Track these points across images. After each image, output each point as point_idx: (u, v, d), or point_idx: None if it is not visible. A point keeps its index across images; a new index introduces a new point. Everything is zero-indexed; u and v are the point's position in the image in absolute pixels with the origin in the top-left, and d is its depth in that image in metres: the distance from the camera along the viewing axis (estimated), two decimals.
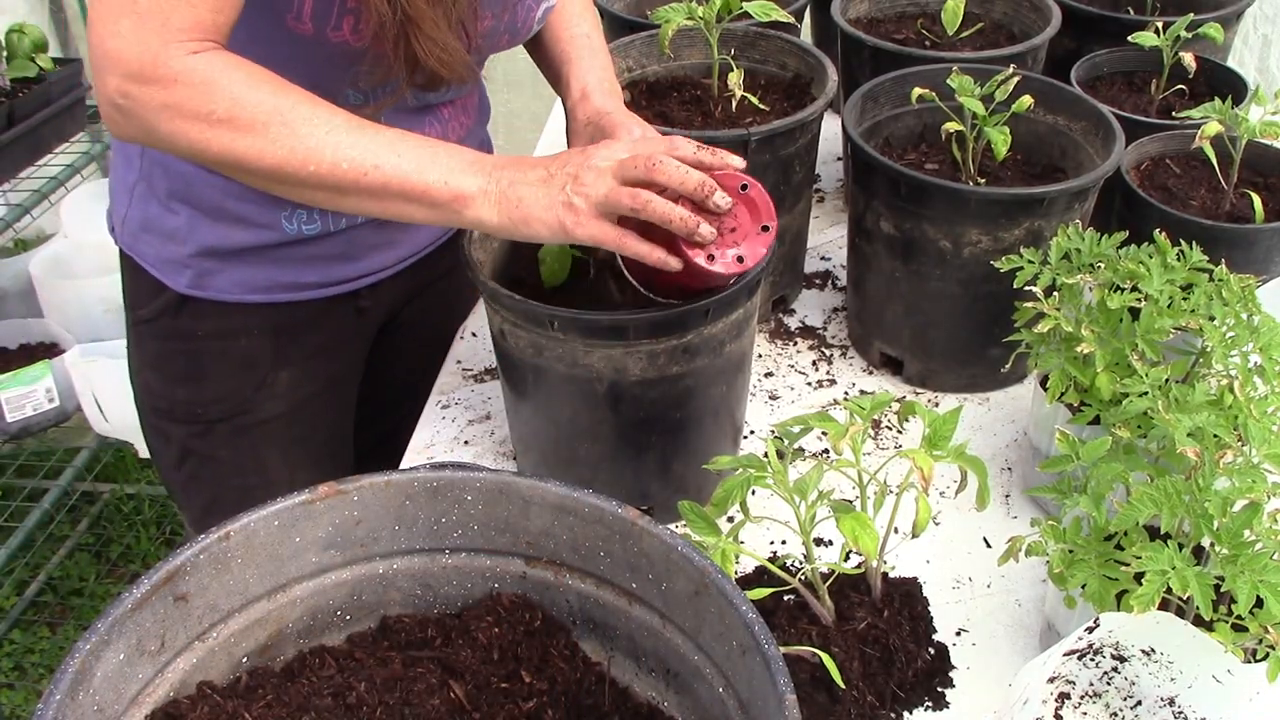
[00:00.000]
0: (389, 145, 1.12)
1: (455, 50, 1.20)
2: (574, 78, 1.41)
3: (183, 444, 1.53)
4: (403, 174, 1.11)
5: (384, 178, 1.11)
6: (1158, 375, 1.13)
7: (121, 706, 0.88)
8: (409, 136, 1.14)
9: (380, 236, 1.46)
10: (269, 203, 1.35)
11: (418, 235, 1.52)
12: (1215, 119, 1.45)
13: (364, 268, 1.47)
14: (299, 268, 1.42)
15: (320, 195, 1.13)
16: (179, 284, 1.41)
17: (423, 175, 1.11)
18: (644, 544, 0.96)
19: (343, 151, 1.10)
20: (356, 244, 1.44)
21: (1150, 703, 1.01)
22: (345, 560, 1.01)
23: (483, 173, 1.13)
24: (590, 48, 1.45)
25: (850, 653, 1.10)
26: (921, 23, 1.89)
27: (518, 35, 1.36)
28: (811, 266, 1.78)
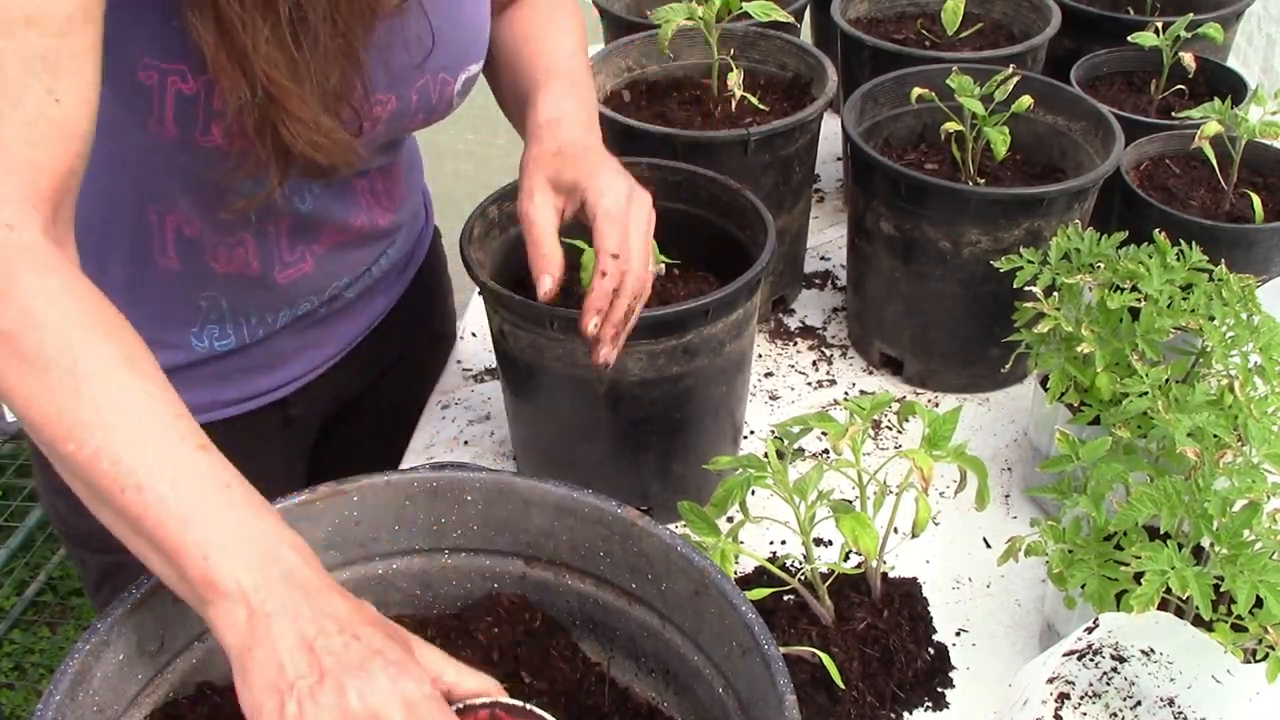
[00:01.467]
0: (172, 467, 0.79)
1: (332, 132, 1.00)
2: (543, 103, 1.19)
3: (99, 571, 1.38)
4: (162, 515, 0.77)
5: (140, 508, 0.78)
6: (1158, 375, 1.13)
7: (121, 707, 0.88)
8: (212, 467, 0.81)
9: (304, 339, 1.32)
10: (174, 320, 1.21)
11: (353, 324, 1.38)
12: (1215, 119, 1.45)
13: (289, 374, 1.33)
14: (215, 385, 1.27)
15: (78, 486, 0.82)
16: None
17: (184, 531, 0.77)
18: (644, 544, 0.96)
19: (113, 446, 0.78)
20: (277, 352, 1.30)
21: (1150, 703, 1.01)
22: (345, 560, 1.01)
23: (263, 573, 0.78)
24: (571, 76, 1.23)
25: (850, 653, 1.10)
26: (921, 23, 1.88)
27: (435, 112, 1.18)
28: (811, 266, 1.78)
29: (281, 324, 1.29)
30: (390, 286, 1.43)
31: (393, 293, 1.44)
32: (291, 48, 0.94)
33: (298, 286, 1.26)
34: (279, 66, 0.94)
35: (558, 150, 1.15)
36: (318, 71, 0.96)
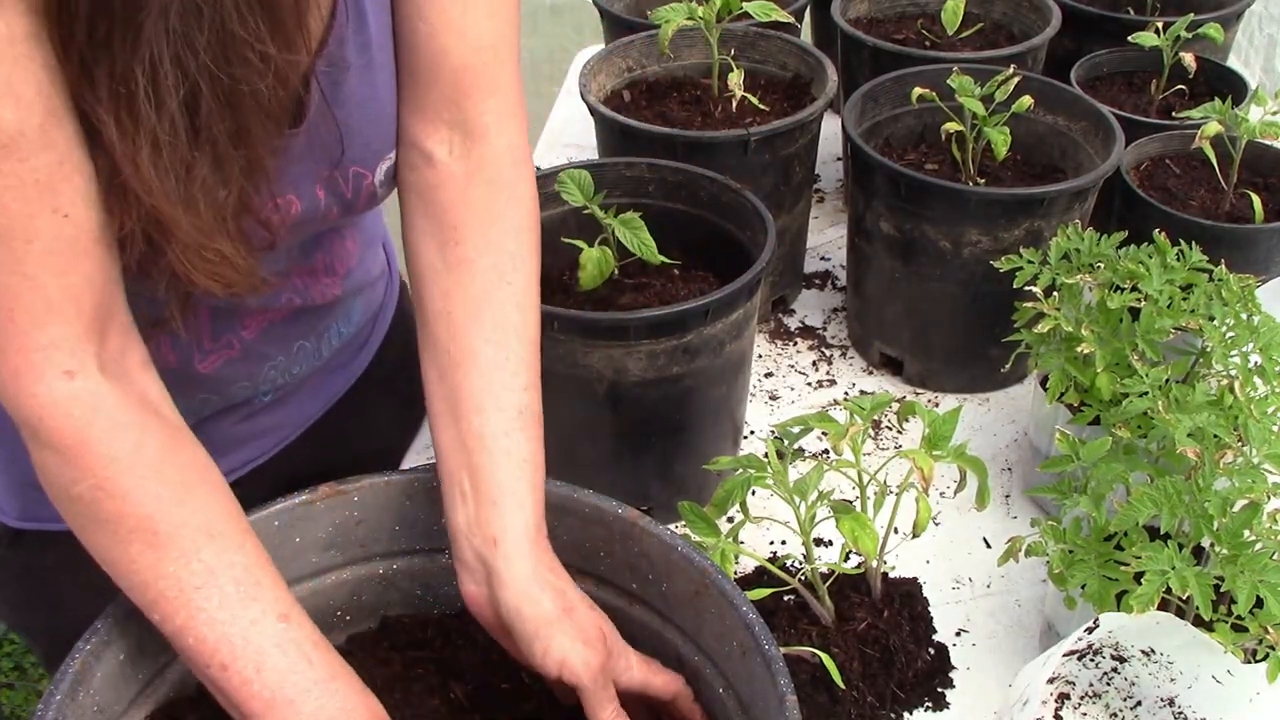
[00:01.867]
0: (255, 649, 0.82)
1: (231, 257, 0.85)
2: (495, 518, 0.94)
3: (48, 653, 1.30)
4: (246, 696, 0.82)
5: (225, 684, 0.82)
6: (1158, 375, 1.13)
7: (121, 707, 0.88)
8: (295, 641, 0.83)
9: (252, 425, 1.21)
10: None
11: (302, 409, 1.27)
12: (1215, 119, 1.45)
13: (237, 459, 1.22)
14: None
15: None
16: (7, 516, 1.17)
17: (268, 714, 0.82)
18: (644, 544, 0.96)
19: (197, 624, 0.82)
20: (218, 441, 1.13)
21: (1150, 703, 1.01)
22: (345, 560, 1.01)
23: None
24: (512, 446, 0.96)
25: (850, 653, 1.10)
26: (921, 23, 1.88)
27: (355, 207, 1.04)
28: (811, 266, 1.78)
29: (211, 411, 1.16)
30: (349, 362, 1.31)
31: (353, 368, 1.32)
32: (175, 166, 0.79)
33: (225, 374, 1.13)
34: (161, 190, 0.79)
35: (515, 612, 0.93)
36: (208, 190, 0.82)
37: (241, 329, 1.11)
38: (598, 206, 1.28)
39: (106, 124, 0.77)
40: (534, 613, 0.90)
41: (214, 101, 0.78)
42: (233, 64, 0.78)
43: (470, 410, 0.95)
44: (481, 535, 0.93)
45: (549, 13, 2.88)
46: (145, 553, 0.81)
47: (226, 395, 1.16)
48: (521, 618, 0.90)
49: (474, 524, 0.93)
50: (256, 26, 0.77)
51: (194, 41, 0.75)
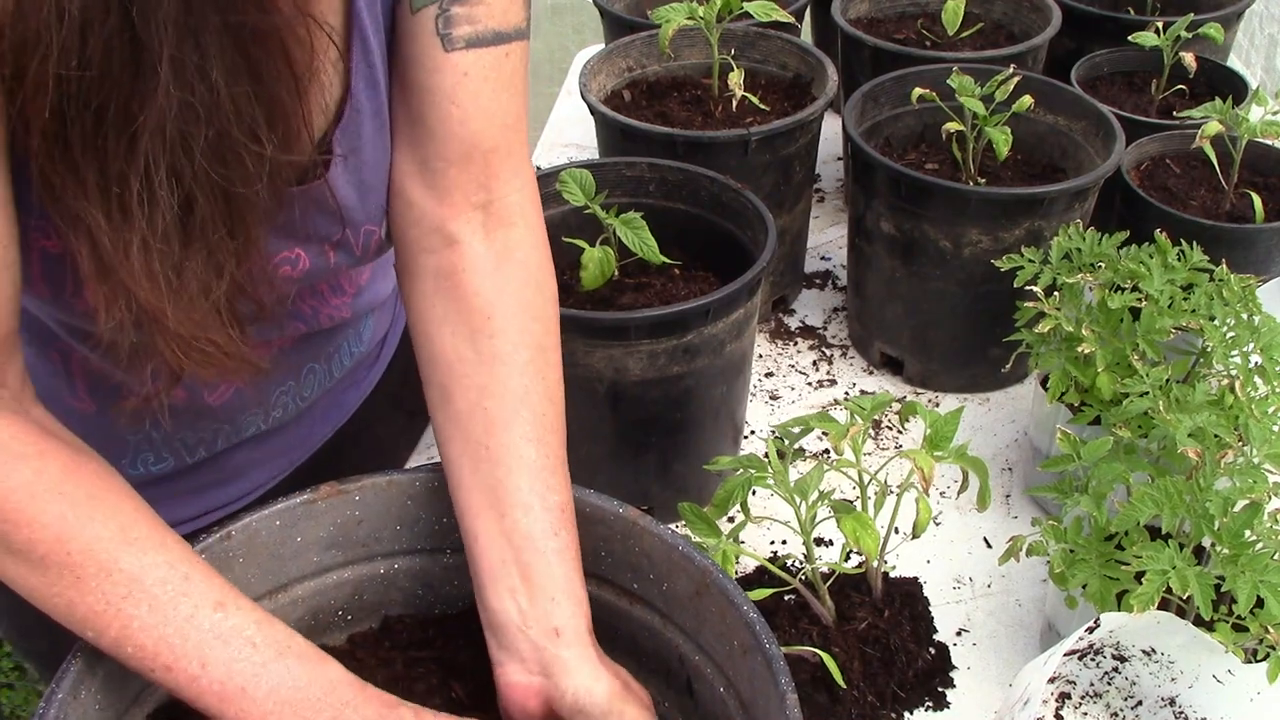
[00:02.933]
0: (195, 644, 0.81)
1: (225, 347, 0.83)
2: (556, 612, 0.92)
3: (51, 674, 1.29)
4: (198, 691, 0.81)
5: (175, 684, 0.81)
6: (1158, 375, 1.13)
7: (122, 706, 0.88)
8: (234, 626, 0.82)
9: (264, 449, 1.20)
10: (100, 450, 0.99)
11: (315, 430, 1.26)
12: (1215, 119, 1.45)
13: (246, 486, 1.21)
14: (163, 507, 1.10)
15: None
16: None
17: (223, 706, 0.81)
18: (645, 544, 0.96)
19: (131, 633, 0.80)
20: (228, 467, 1.17)
21: (1150, 703, 1.01)
22: (347, 560, 1.01)
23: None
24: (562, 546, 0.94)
25: (851, 653, 1.10)
26: (921, 23, 1.89)
27: (364, 259, 1.03)
28: (811, 266, 1.78)
29: (224, 444, 1.15)
30: (360, 380, 1.30)
31: (364, 386, 1.31)
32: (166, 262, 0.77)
33: (235, 404, 1.12)
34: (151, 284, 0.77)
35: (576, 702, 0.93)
36: (201, 283, 0.80)
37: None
38: (598, 206, 1.28)
39: (96, 222, 0.75)
40: (605, 691, 0.90)
41: (209, 202, 0.77)
42: (229, 166, 0.76)
43: (514, 507, 0.93)
44: (540, 628, 0.91)
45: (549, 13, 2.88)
46: (63, 575, 0.79)
47: (238, 425, 1.14)
48: (593, 697, 0.90)
49: (530, 617, 0.92)
50: (254, 128, 0.76)
51: (191, 147, 0.74)
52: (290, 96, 0.78)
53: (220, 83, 0.73)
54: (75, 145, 0.72)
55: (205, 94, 0.72)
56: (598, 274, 1.28)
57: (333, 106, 0.91)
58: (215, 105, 0.73)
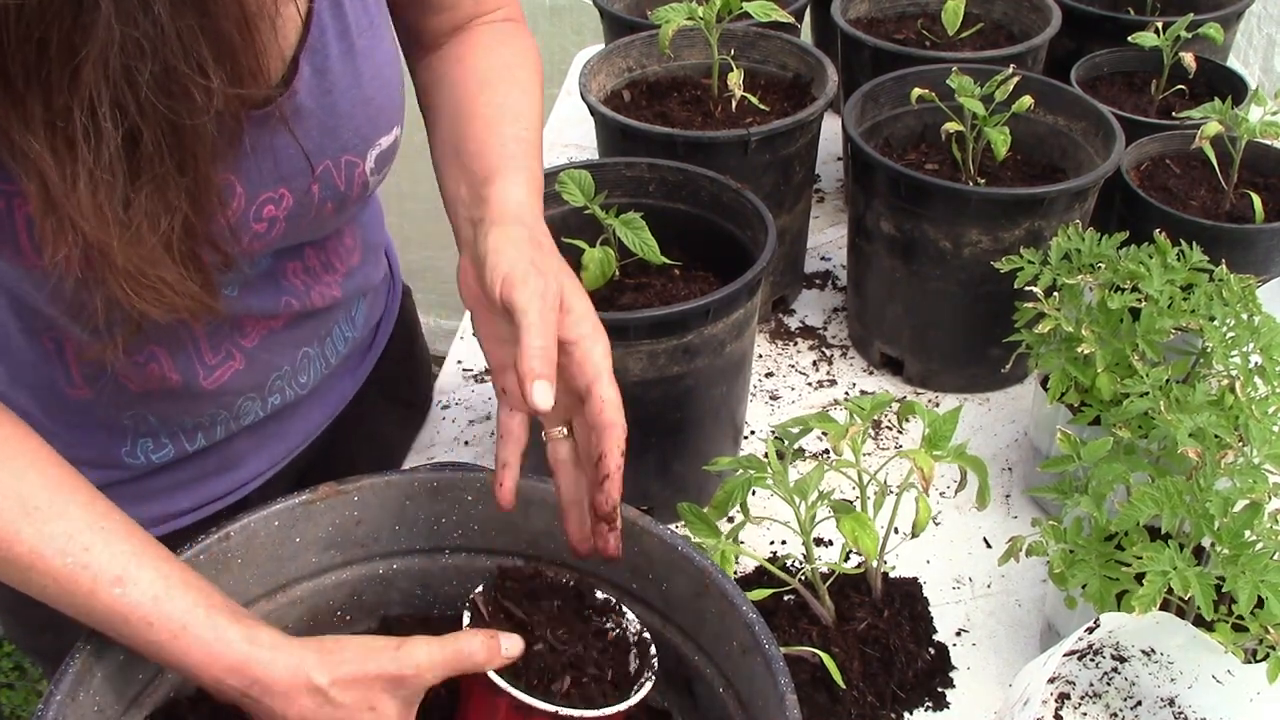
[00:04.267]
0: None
1: (174, 285, 0.82)
2: (493, 187, 0.98)
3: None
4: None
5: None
6: (1158, 375, 1.13)
7: (122, 707, 0.88)
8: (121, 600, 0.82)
9: (262, 434, 1.20)
10: (99, 442, 1.10)
11: (318, 411, 1.26)
12: (1215, 119, 1.45)
13: (247, 473, 1.21)
14: (164, 497, 1.16)
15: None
16: None
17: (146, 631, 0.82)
18: (645, 544, 0.96)
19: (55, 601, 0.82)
20: (231, 454, 1.18)
21: (1150, 703, 1.01)
22: (345, 560, 1.01)
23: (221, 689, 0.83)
24: (529, 170, 1.01)
25: (850, 653, 1.10)
26: (921, 23, 1.88)
27: (348, 200, 1.03)
28: (811, 266, 1.78)
29: (224, 433, 1.16)
30: (356, 367, 1.31)
31: (359, 372, 1.31)
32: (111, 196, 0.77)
33: (230, 388, 1.11)
34: (98, 218, 0.77)
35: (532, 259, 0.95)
36: (150, 218, 0.79)
37: (241, 338, 1.09)
38: (598, 207, 1.28)
39: (41, 156, 0.75)
40: (509, 253, 0.90)
41: (155, 136, 0.76)
42: (176, 99, 0.76)
43: (475, 134, 1.03)
44: (474, 197, 0.97)
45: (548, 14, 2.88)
46: None
47: (235, 411, 1.14)
48: (496, 255, 0.90)
49: (473, 196, 0.98)
50: (201, 63, 0.75)
51: (135, 80, 0.73)
52: (240, 30, 0.78)
53: (164, 16, 0.72)
54: (18, 78, 0.72)
55: (149, 27, 0.72)
56: (598, 274, 1.28)
57: (296, 31, 0.92)
58: (160, 39, 0.72)
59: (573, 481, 0.94)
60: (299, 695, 0.82)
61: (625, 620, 0.94)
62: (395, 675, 0.83)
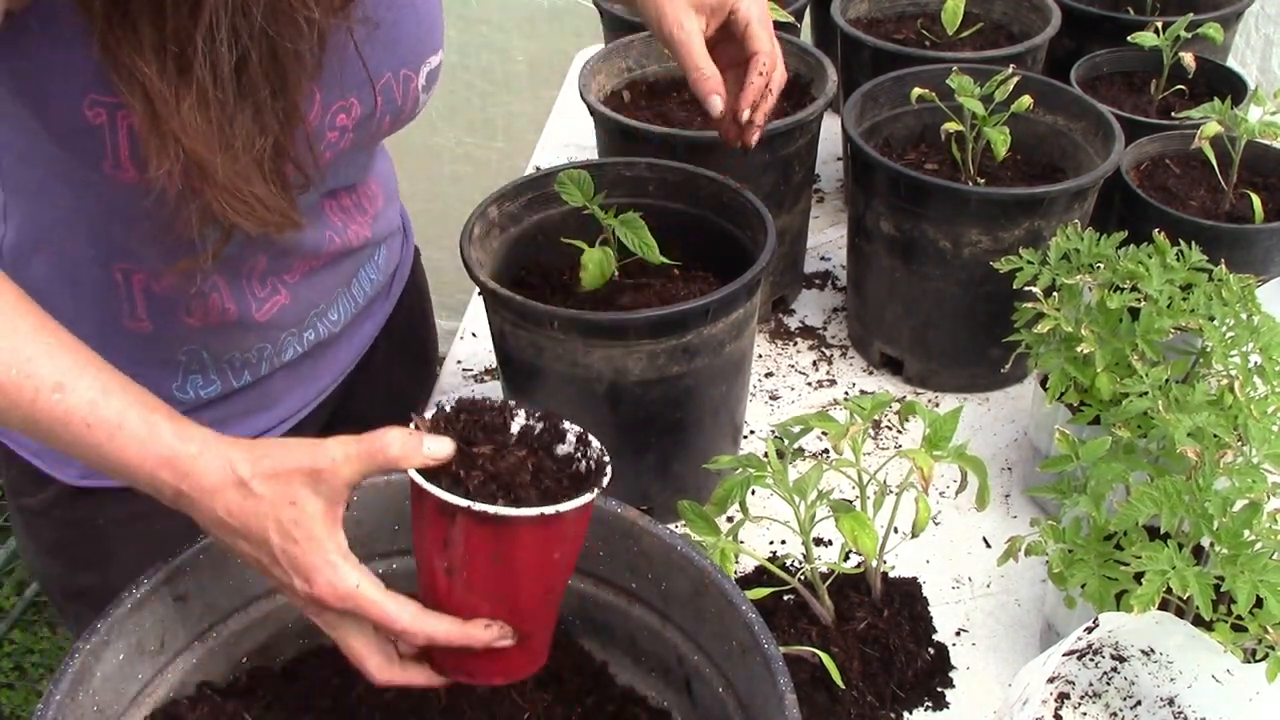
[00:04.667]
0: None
1: (265, 199, 0.92)
2: None
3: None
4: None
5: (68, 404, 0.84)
6: (1158, 375, 1.13)
7: (121, 707, 0.88)
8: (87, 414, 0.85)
9: (296, 376, 1.27)
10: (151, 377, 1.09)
11: (345, 351, 1.34)
12: (1215, 119, 1.45)
13: (284, 411, 1.28)
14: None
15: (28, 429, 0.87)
16: (69, 476, 1.20)
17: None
18: (644, 543, 0.96)
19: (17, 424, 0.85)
20: (268, 393, 1.25)
21: (1150, 703, 1.01)
22: None
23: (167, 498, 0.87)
24: None
25: (850, 653, 1.10)
26: (921, 23, 1.89)
27: (402, 113, 1.13)
28: (811, 266, 1.78)
29: (266, 370, 1.23)
30: (376, 310, 1.38)
31: (379, 316, 1.39)
32: (217, 116, 0.85)
33: (276, 321, 1.19)
34: (201, 136, 0.86)
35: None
36: (247, 137, 0.88)
37: (287, 274, 1.17)
38: (598, 206, 1.28)
39: (149, 77, 0.83)
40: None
41: (260, 61, 0.85)
42: (281, 25, 0.85)
43: None
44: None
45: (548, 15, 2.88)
46: None
47: (278, 346, 1.22)
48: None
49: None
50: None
51: (250, 9, 0.82)
52: None
53: None
54: (136, 6, 0.81)
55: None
56: (598, 274, 1.28)
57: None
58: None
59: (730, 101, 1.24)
60: (225, 489, 0.84)
61: (590, 449, 0.91)
62: (312, 469, 0.84)
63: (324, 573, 0.84)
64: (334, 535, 0.85)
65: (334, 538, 0.85)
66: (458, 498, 0.83)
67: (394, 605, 0.85)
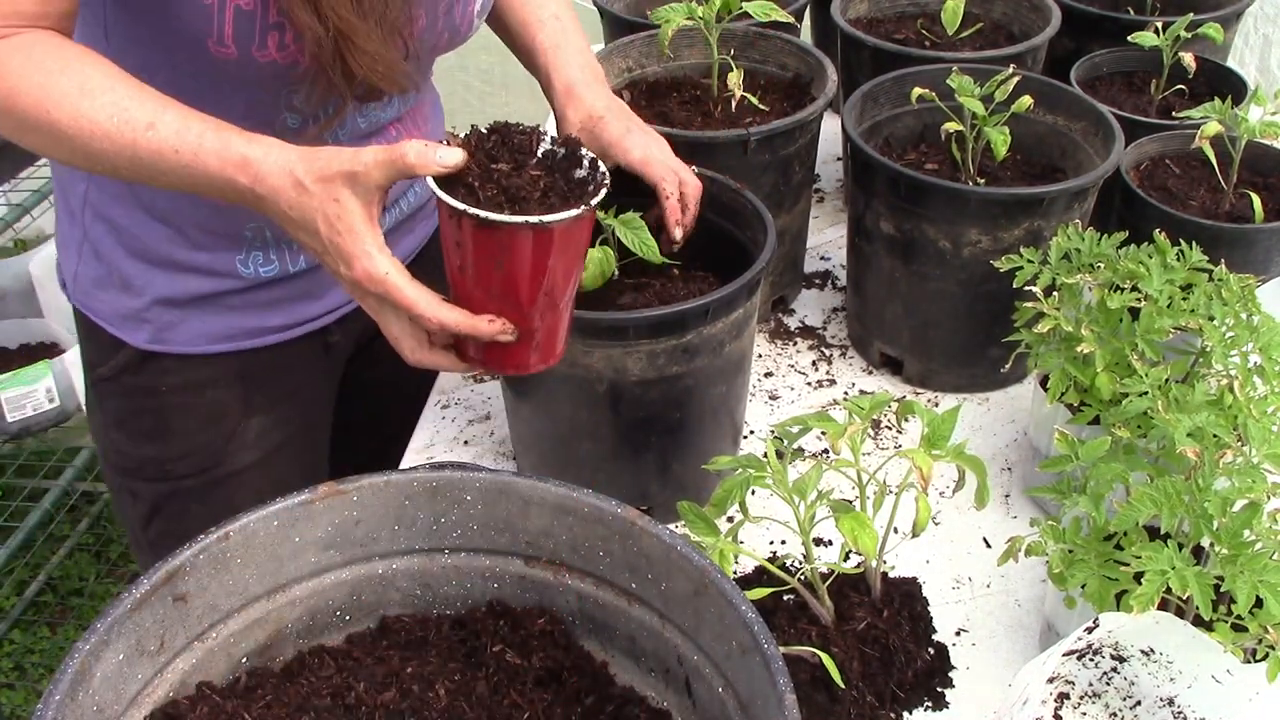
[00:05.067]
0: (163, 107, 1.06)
1: (392, 61, 1.14)
2: (554, 73, 1.35)
3: (151, 502, 1.46)
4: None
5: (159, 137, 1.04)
6: (1157, 375, 1.13)
7: (121, 707, 0.88)
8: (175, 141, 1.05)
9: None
10: (222, 248, 1.30)
11: (405, 245, 1.46)
12: (1215, 119, 1.45)
13: (329, 304, 1.42)
14: (262, 312, 1.37)
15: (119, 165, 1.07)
16: (138, 340, 1.35)
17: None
18: (644, 544, 0.96)
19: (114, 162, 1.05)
20: (318, 281, 1.38)
21: (1150, 703, 1.01)
22: (345, 560, 1.01)
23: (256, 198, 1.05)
24: (562, 31, 1.38)
25: (850, 653, 1.10)
26: (921, 23, 1.89)
27: (458, 34, 1.28)
28: (811, 266, 1.78)
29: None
30: (418, 227, 1.47)
31: (420, 234, 1.48)
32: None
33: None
34: (355, 8, 1.07)
35: (583, 122, 1.31)
36: (379, 7, 1.09)
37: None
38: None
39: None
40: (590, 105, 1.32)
41: None
42: None
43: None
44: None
45: None
46: (51, 132, 1.04)
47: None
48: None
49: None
50: None
51: None
52: None
53: None
54: None
55: None
56: (597, 274, 1.28)
57: None
58: None
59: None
60: (286, 189, 1.02)
61: (599, 174, 1.02)
62: (350, 172, 1.00)
63: (361, 260, 1.01)
64: (371, 229, 1.02)
65: (371, 232, 1.02)
66: (459, 202, 0.95)
67: (415, 292, 1.02)
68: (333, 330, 1.44)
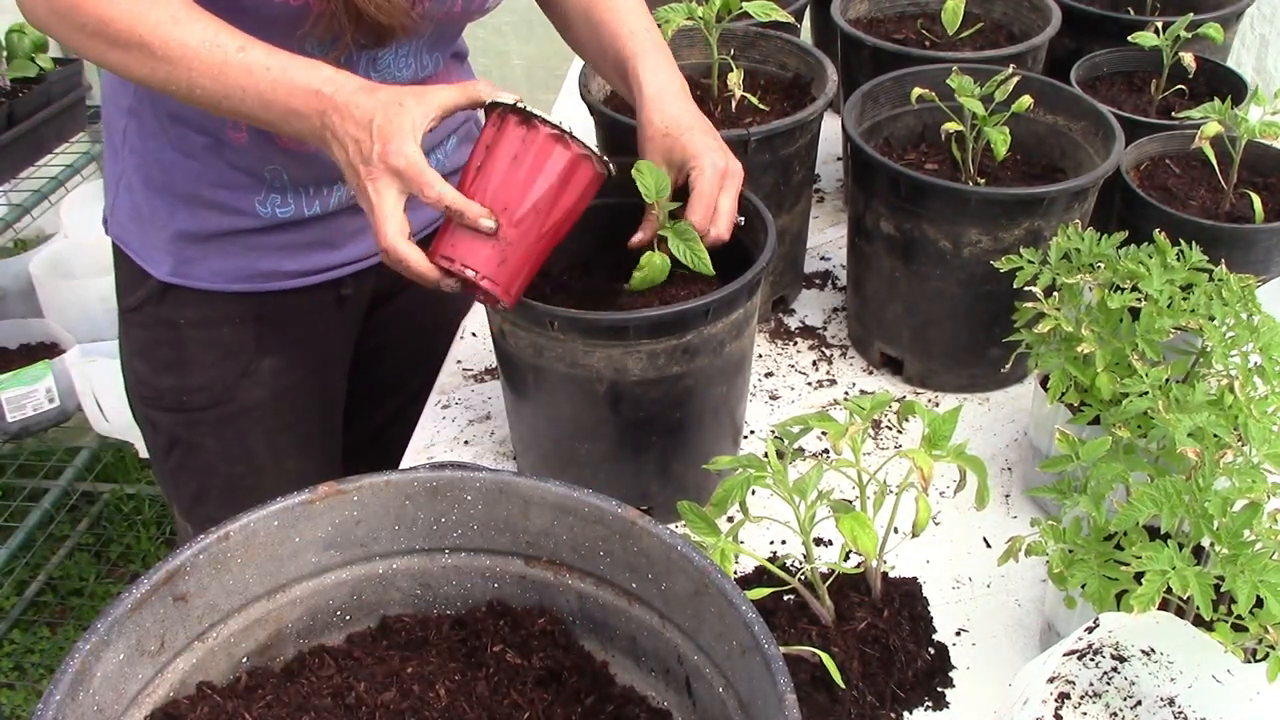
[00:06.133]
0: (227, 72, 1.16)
1: (400, 4, 1.22)
2: (643, 75, 1.35)
3: (170, 432, 1.55)
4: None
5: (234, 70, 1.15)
6: (1158, 375, 1.13)
7: (121, 706, 0.88)
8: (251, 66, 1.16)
9: (360, 222, 1.45)
10: (242, 187, 1.38)
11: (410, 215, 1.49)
12: (1215, 119, 1.45)
13: (346, 255, 1.48)
14: (277, 256, 1.44)
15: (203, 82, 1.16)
16: (160, 271, 1.44)
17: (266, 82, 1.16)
18: (644, 544, 0.96)
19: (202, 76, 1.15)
20: (335, 231, 1.45)
21: (1150, 703, 1.01)
22: (345, 560, 1.01)
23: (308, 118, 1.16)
24: (653, 42, 1.39)
25: (850, 653, 1.10)
26: (921, 23, 1.89)
27: (472, 6, 1.34)
28: (811, 266, 1.78)
29: (335, 205, 1.43)
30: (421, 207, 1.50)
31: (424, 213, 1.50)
32: None
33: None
34: None
35: (665, 131, 1.31)
36: None
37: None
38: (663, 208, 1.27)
39: None
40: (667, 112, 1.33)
41: None
42: None
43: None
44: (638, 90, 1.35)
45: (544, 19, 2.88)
46: (142, 51, 1.15)
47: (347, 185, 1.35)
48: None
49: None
50: None
51: None
52: None
53: None
54: None
55: None
56: (651, 278, 1.27)
57: None
58: None
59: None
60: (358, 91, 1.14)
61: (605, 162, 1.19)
62: (421, 90, 1.15)
63: (397, 141, 1.11)
64: (418, 133, 1.12)
65: (417, 134, 1.12)
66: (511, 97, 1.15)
67: (433, 175, 1.12)
68: (347, 283, 1.51)
